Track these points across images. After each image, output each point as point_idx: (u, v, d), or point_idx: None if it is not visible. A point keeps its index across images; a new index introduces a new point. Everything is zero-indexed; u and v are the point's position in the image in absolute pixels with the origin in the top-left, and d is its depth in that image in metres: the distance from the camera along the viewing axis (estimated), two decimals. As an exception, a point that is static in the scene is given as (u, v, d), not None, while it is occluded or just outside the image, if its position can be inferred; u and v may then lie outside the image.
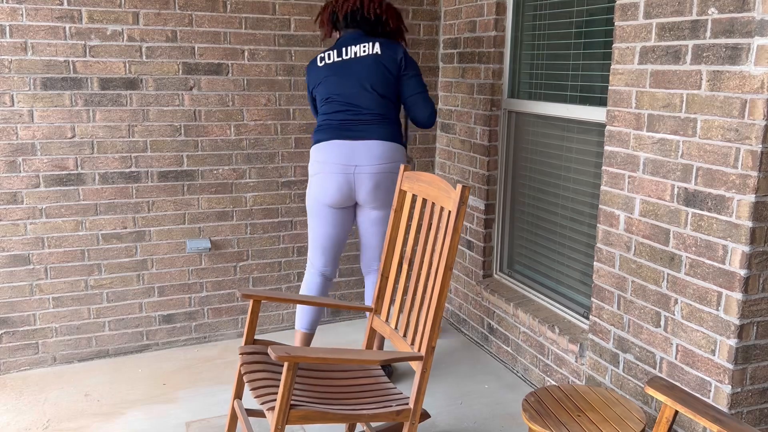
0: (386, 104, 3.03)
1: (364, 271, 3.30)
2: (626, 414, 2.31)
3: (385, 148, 3.00)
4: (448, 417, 3.02)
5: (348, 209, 3.11)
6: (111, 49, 3.31)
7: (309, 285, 3.19)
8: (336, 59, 3.03)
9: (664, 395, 1.82)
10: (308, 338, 3.19)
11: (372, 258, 3.24)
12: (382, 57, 3.00)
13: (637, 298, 2.61)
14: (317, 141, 3.05)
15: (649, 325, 2.56)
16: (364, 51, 3.01)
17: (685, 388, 2.34)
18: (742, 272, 2.17)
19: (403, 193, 2.58)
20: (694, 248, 2.34)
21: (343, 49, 3.03)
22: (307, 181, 3.80)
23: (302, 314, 3.16)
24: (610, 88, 2.67)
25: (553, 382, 3.15)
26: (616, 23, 2.62)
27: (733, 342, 2.22)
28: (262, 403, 2.08)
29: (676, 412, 1.81)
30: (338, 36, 3.19)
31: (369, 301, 3.29)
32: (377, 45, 3.02)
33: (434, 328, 2.19)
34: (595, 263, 2.82)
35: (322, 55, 3.07)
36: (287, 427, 2.45)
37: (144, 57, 3.37)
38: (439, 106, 4.03)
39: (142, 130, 3.43)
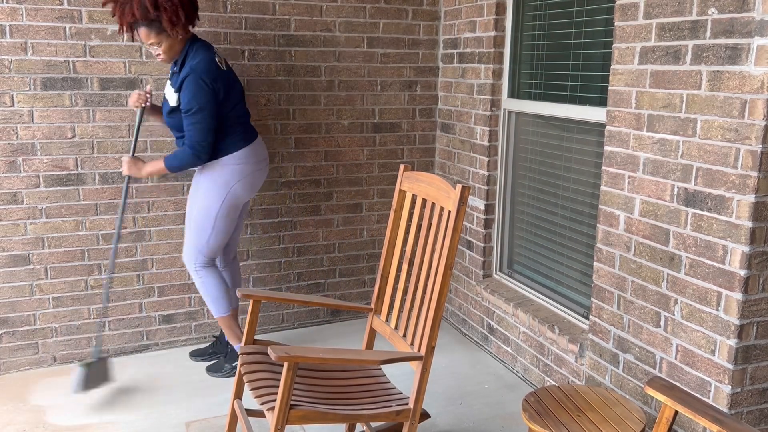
0: None
1: (226, 261, 3.42)
2: (626, 414, 2.31)
3: None
4: (448, 417, 3.02)
5: None
6: (111, 49, 3.31)
7: (220, 277, 3.25)
8: (223, 63, 3.06)
9: (663, 395, 1.82)
10: (236, 313, 3.34)
11: (236, 244, 3.44)
12: None
13: (637, 298, 2.61)
14: (250, 140, 3.13)
15: (649, 325, 2.56)
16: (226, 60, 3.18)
17: (685, 388, 2.34)
18: (742, 272, 2.17)
19: (402, 193, 2.58)
20: (694, 248, 2.34)
21: (217, 53, 3.06)
22: (304, 181, 3.80)
23: (229, 297, 3.27)
24: (610, 88, 2.67)
25: (553, 382, 3.15)
26: (616, 23, 2.62)
27: (733, 342, 2.22)
28: (262, 403, 2.08)
29: (676, 412, 1.81)
30: (184, 38, 3.02)
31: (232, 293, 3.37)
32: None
33: (434, 328, 2.19)
34: (595, 263, 2.82)
35: (215, 58, 3.00)
36: (287, 427, 2.45)
37: (144, 57, 3.37)
38: (439, 106, 4.03)
39: (142, 130, 3.43)
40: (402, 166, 2.59)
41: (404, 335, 2.40)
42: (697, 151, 2.30)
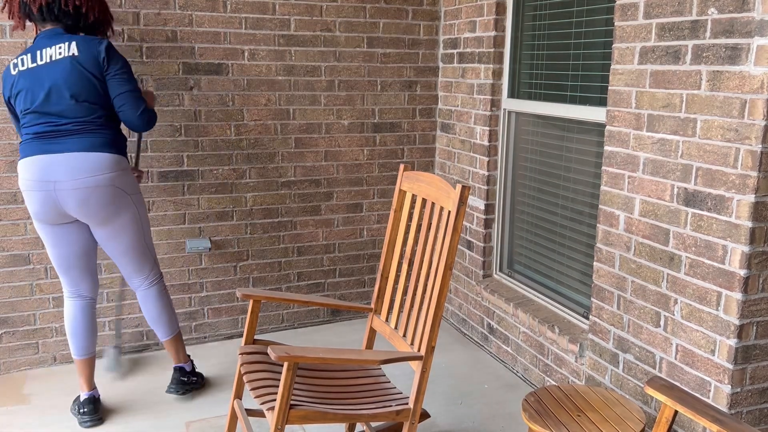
0: (92, 110, 2.73)
1: (131, 287, 3.07)
2: (626, 414, 2.31)
3: (90, 159, 2.71)
4: (448, 417, 3.02)
5: (73, 225, 2.83)
6: (111, 49, 3.31)
7: (69, 312, 2.94)
8: (30, 65, 2.69)
9: (663, 395, 1.82)
10: (90, 363, 3.00)
11: (129, 274, 2.99)
12: (79, 58, 2.69)
13: (636, 298, 2.61)
14: (21, 157, 2.76)
15: (648, 325, 2.56)
16: (60, 53, 2.68)
17: (685, 388, 2.34)
18: (742, 272, 2.17)
19: (402, 193, 2.58)
20: (693, 248, 2.34)
21: (38, 53, 2.70)
22: (304, 181, 3.81)
23: (75, 341, 2.94)
24: (610, 88, 2.67)
25: (553, 382, 3.15)
26: (616, 23, 2.62)
27: (732, 342, 2.22)
28: (262, 403, 2.08)
29: (676, 412, 1.81)
30: (37, 30, 2.80)
31: (149, 321, 3.08)
32: (74, 44, 2.70)
33: (434, 328, 2.19)
34: (595, 263, 2.82)
35: (16, 60, 2.73)
36: (287, 427, 2.45)
37: (144, 57, 3.37)
38: (439, 106, 4.03)
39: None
40: (402, 166, 2.59)
41: (404, 335, 2.40)
42: (697, 151, 2.30)
